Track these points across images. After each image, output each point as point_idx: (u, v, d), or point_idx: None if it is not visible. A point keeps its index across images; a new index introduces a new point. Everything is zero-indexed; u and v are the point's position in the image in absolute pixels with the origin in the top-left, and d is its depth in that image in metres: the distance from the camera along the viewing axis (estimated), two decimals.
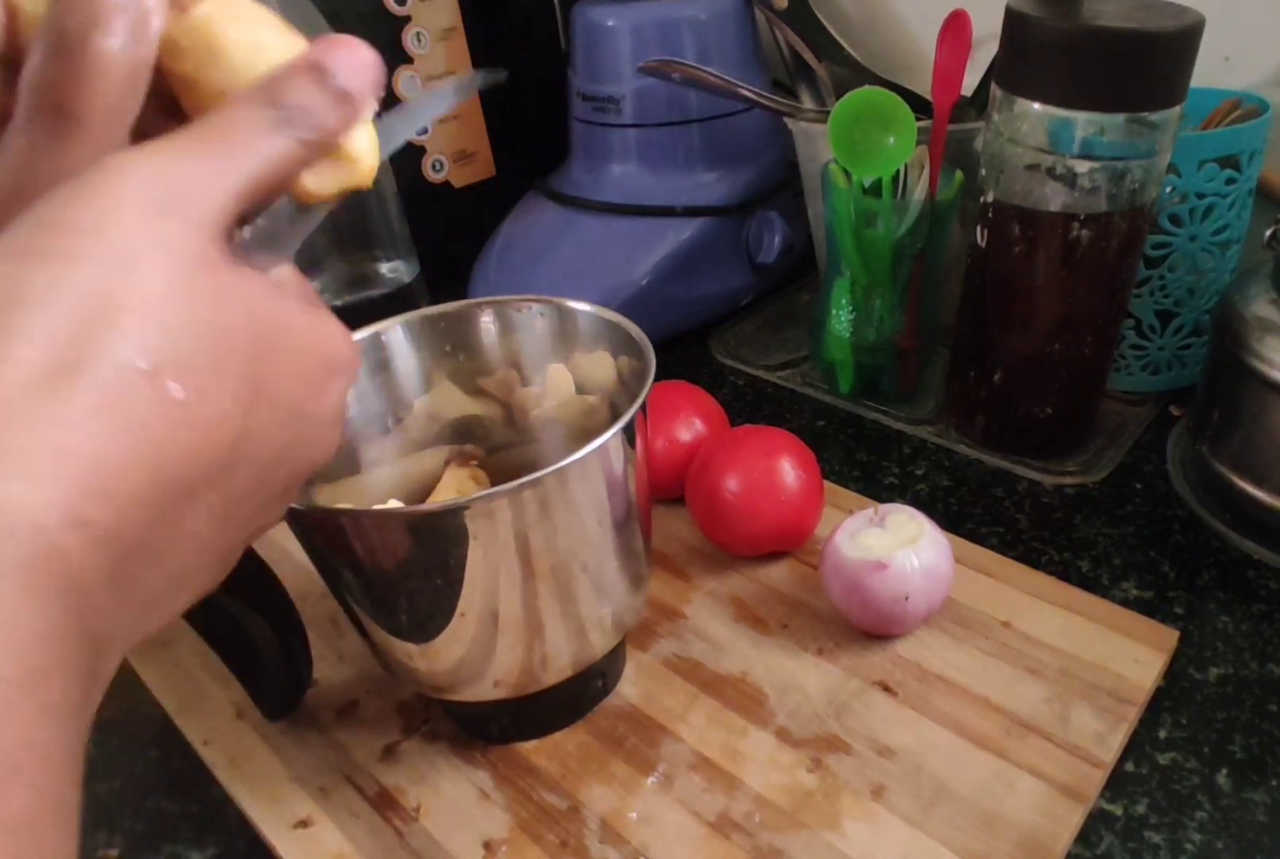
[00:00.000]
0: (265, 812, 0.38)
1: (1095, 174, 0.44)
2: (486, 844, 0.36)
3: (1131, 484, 0.53)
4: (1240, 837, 0.35)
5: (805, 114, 0.61)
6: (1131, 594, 0.46)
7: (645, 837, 0.36)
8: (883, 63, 0.68)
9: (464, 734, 0.41)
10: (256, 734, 0.41)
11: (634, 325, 0.37)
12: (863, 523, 0.42)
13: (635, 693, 0.42)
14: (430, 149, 0.73)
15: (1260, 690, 0.40)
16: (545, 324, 0.40)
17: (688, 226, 0.66)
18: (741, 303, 0.73)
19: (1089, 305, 0.49)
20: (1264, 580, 0.46)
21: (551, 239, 0.68)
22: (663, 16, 0.65)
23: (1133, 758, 0.38)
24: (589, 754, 0.39)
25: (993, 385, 0.53)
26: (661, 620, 0.45)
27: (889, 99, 0.51)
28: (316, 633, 0.40)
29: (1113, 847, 0.35)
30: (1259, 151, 0.51)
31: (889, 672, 0.41)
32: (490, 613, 0.33)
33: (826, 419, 0.61)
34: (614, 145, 0.69)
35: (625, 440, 0.33)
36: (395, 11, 0.67)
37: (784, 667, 0.42)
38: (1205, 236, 0.52)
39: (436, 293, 0.65)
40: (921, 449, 0.57)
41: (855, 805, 0.36)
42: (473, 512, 0.30)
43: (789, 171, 0.71)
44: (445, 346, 0.41)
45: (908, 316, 0.57)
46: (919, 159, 0.54)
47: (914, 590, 0.40)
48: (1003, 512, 0.51)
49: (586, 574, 0.34)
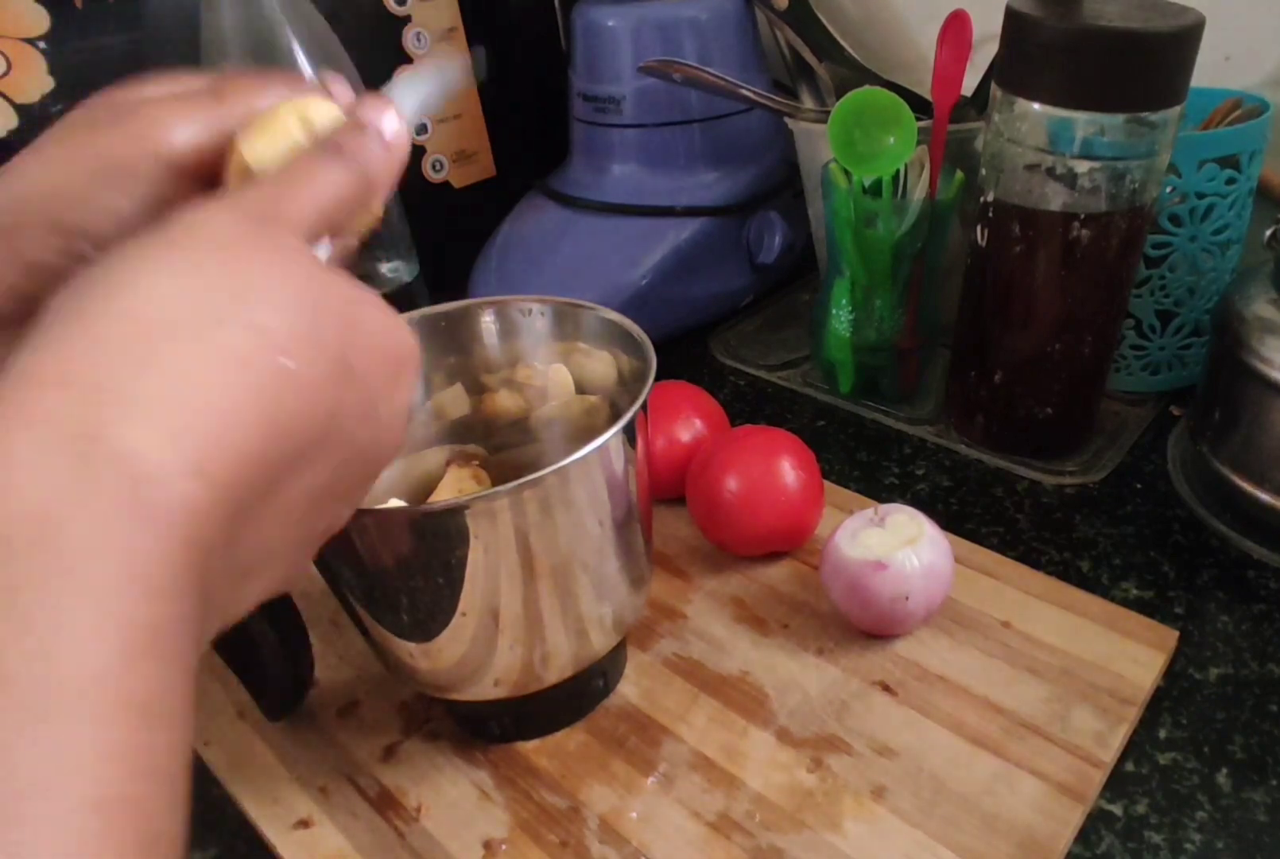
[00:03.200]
0: (265, 812, 0.38)
1: (1095, 174, 0.44)
2: (487, 844, 0.36)
3: (1131, 484, 0.53)
4: (1240, 837, 0.35)
5: (805, 114, 0.61)
6: (1131, 594, 0.46)
7: (645, 837, 0.36)
8: (883, 63, 0.67)
9: (464, 734, 0.41)
10: (257, 734, 0.41)
11: (635, 325, 0.37)
12: (863, 523, 0.42)
13: (635, 693, 0.42)
14: (430, 149, 0.73)
15: (1260, 690, 0.40)
16: (546, 324, 0.40)
17: (688, 226, 0.66)
18: (741, 303, 0.73)
19: (1089, 305, 0.49)
20: (1264, 580, 0.46)
21: (551, 239, 0.68)
22: (663, 16, 0.65)
23: (1133, 758, 0.38)
24: (589, 754, 0.39)
25: (993, 385, 0.53)
26: (661, 620, 0.45)
27: (889, 99, 0.51)
28: (317, 633, 0.40)
29: (1113, 847, 0.35)
30: (1259, 151, 0.51)
31: (889, 672, 0.41)
32: (491, 612, 0.33)
33: (826, 419, 0.61)
34: (614, 145, 0.69)
35: (626, 440, 0.33)
36: (395, 11, 0.67)
37: (784, 667, 0.42)
38: (1205, 236, 0.52)
39: (436, 293, 0.65)
40: (921, 449, 0.57)
41: (855, 805, 0.36)
42: (474, 511, 0.30)
43: (789, 171, 0.71)
44: (446, 346, 0.41)
45: (908, 316, 0.57)
46: (919, 159, 0.54)
47: (914, 590, 0.40)
48: (1003, 512, 0.51)
49: (587, 573, 0.34)
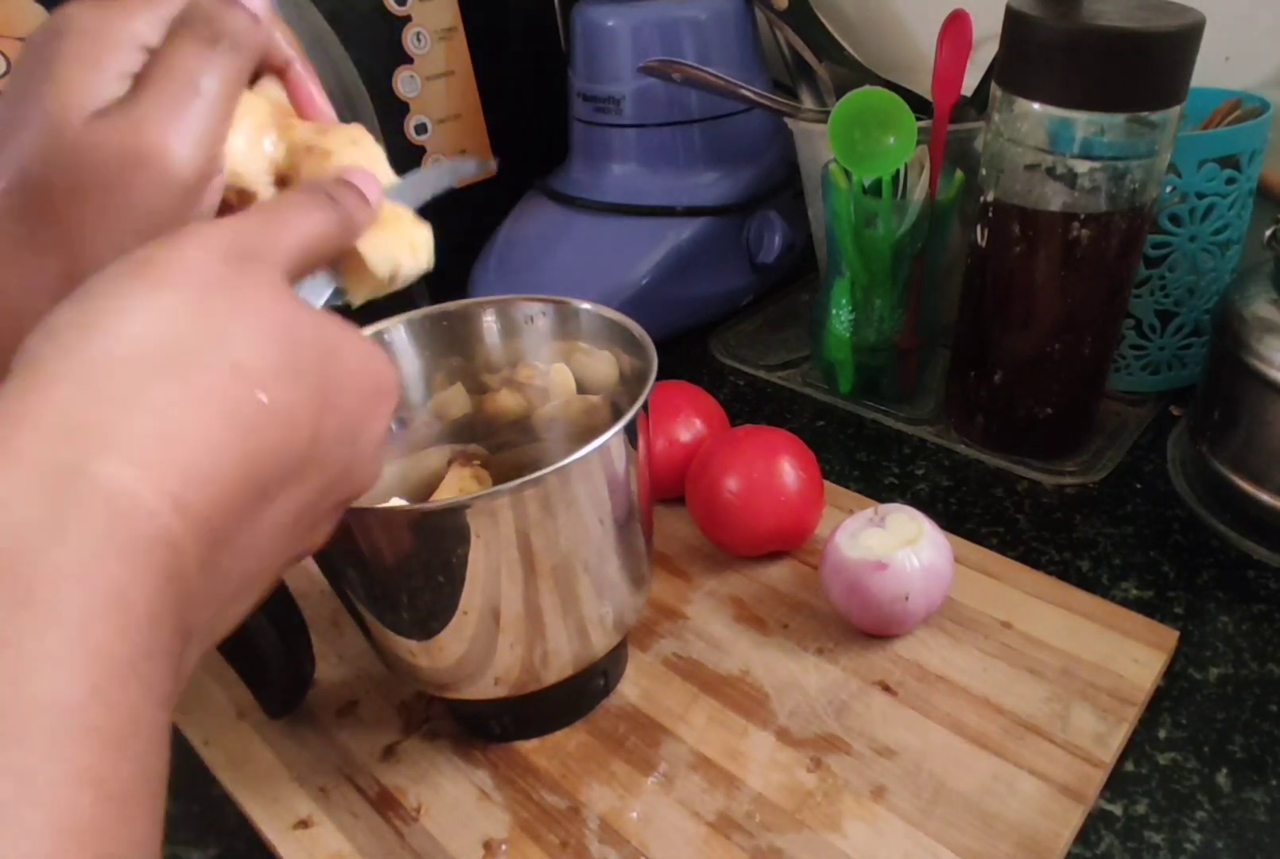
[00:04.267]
0: (265, 812, 0.38)
1: (1095, 174, 0.44)
2: (486, 844, 0.36)
3: (1131, 484, 0.53)
4: (1240, 837, 0.35)
5: (805, 114, 0.61)
6: (1131, 594, 0.46)
7: (645, 837, 0.36)
8: (883, 63, 0.67)
9: (464, 733, 0.40)
10: (256, 734, 0.41)
11: (636, 324, 0.37)
12: (863, 523, 0.42)
13: (635, 693, 0.42)
14: (430, 149, 0.73)
15: (1260, 690, 0.40)
16: (547, 323, 0.40)
17: (688, 226, 0.66)
18: (741, 303, 0.73)
19: (1089, 305, 0.49)
20: (1264, 580, 0.46)
21: (551, 239, 0.68)
22: (663, 16, 0.65)
23: (1133, 758, 0.38)
24: (589, 754, 0.39)
25: (993, 385, 0.53)
26: (661, 620, 0.45)
27: (889, 99, 0.51)
28: (317, 633, 0.40)
29: (1113, 847, 0.35)
30: (1259, 151, 0.51)
31: (889, 672, 0.41)
32: (492, 611, 0.33)
33: (826, 419, 0.61)
34: (614, 145, 0.69)
35: (627, 439, 0.33)
36: (395, 11, 0.67)
37: (784, 667, 0.42)
38: (1205, 236, 0.52)
39: (436, 293, 0.65)
40: (921, 449, 0.57)
41: (855, 805, 0.36)
42: (475, 510, 0.30)
43: (789, 171, 0.71)
44: (447, 346, 0.41)
45: (908, 316, 0.57)
46: (919, 159, 0.54)
47: (914, 590, 0.40)
48: (1003, 512, 0.51)
49: (588, 573, 0.34)
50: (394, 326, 0.39)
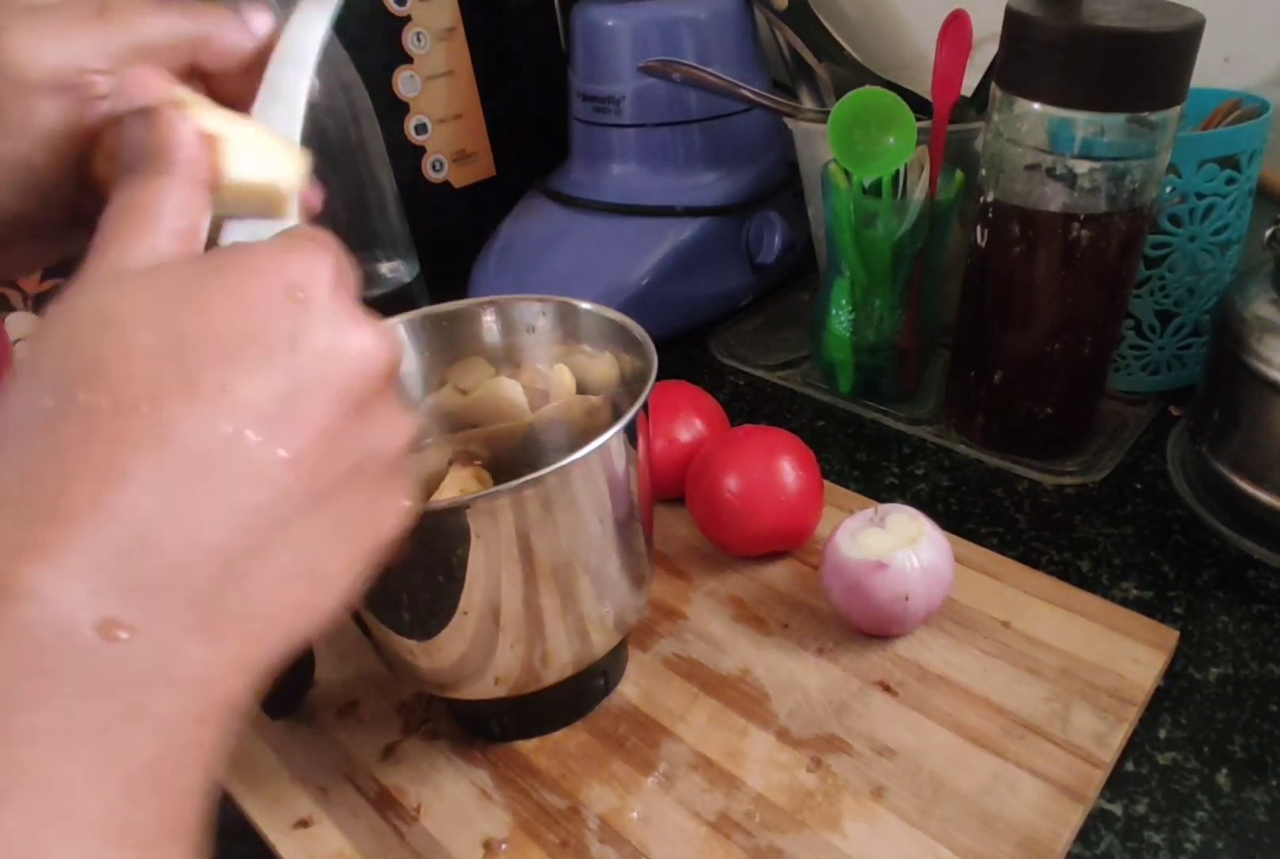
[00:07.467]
0: (265, 812, 0.38)
1: (1095, 174, 0.44)
2: (486, 844, 0.36)
3: (1131, 484, 0.53)
4: (1240, 837, 0.35)
5: (805, 114, 0.61)
6: (1131, 594, 0.46)
7: (645, 837, 0.36)
8: (883, 63, 0.68)
9: (464, 733, 0.40)
10: (256, 734, 0.41)
11: (636, 324, 0.37)
12: (863, 523, 0.42)
13: (635, 693, 0.42)
14: (430, 149, 0.73)
15: (1260, 690, 0.40)
16: (547, 323, 0.40)
17: (688, 226, 0.66)
18: (741, 303, 0.73)
19: (1089, 305, 0.49)
20: (1264, 580, 0.46)
21: (551, 239, 0.68)
22: (663, 16, 0.65)
23: (1133, 758, 0.38)
24: (589, 754, 0.39)
25: (993, 385, 0.53)
26: (662, 620, 0.45)
27: (889, 99, 0.51)
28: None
29: (1113, 847, 0.35)
30: (1259, 151, 0.51)
31: (889, 672, 0.41)
32: (492, 611, 0.33)
33: (826, 419, 0.61)
34: (614, 145, 0.69)
35: (627, 439, 0.33)
36: (395, 11, 0.67)
37: (784, 667, 0.42)
38: (1205, 236, 0.52)
39: (436, 293, 0.65)
40: (921, 449, 0.57)
41: (855, 805, 0.36)
42: (475, 510, 0.30)
43: (789, 171, 0.71)
44: (448, 346, 0.41)
45: (908, 316, 0.57)
46: (919, 159, 0.54)
47: (914, 590, 0.40)
48: (1003, 512, 0.51)
49: (588, 573, 0.34)
50: (394, 326, 0.39)
